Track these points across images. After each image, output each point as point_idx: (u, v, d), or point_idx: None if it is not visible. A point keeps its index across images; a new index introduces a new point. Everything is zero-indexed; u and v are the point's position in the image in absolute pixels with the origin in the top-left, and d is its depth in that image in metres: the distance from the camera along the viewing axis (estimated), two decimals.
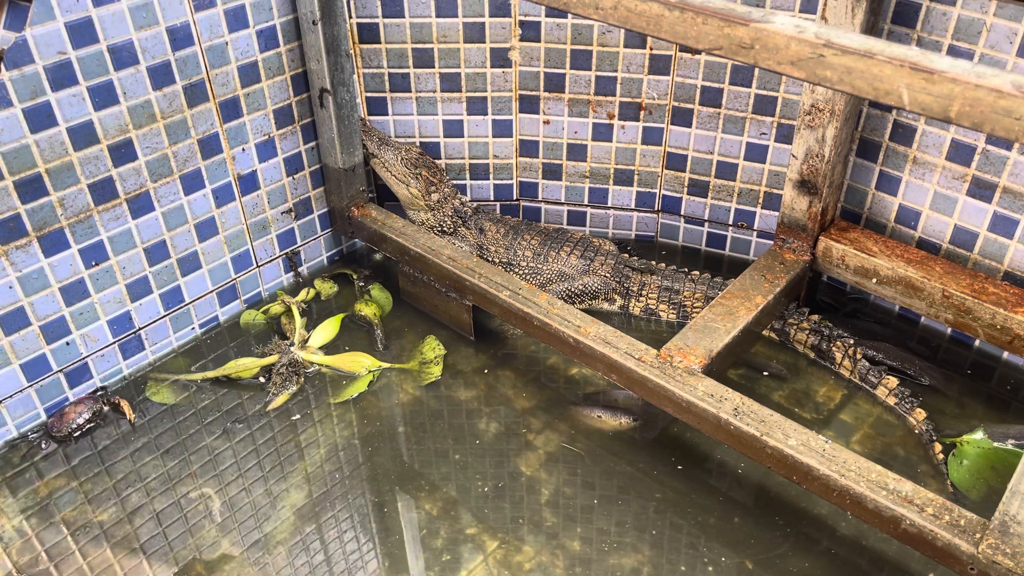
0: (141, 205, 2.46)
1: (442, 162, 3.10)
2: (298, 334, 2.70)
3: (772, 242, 2.83)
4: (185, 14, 2.34)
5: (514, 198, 3.21)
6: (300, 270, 3.02)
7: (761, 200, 2.93)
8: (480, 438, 2.44)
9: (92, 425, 2.46)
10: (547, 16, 2.78)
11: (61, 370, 2.46)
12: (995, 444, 2.31)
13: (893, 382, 2.48)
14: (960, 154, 2.46)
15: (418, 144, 3.07)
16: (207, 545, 2.17)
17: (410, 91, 2.95)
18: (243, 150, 2.66)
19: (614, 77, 2.85)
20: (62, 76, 2.15)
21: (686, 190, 3.03)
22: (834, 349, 2.59)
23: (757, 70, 2.70)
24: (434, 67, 2.90)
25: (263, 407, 2.53)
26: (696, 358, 2.27)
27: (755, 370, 2.63)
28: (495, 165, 3.12)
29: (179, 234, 2.60)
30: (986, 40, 2.29)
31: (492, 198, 3.20)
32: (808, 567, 2.08)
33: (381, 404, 2.56)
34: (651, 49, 2.78)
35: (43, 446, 2.41)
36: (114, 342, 2.56)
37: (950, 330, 2.71)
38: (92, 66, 2.20)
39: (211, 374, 2.63)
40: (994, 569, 1.73)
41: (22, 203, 2.20)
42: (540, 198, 3.20)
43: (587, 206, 3.18)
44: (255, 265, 2.87)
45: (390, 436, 2.46)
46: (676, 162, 2.98)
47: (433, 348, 2.71)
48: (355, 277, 3.01)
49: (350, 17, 2.80)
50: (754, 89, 2.72)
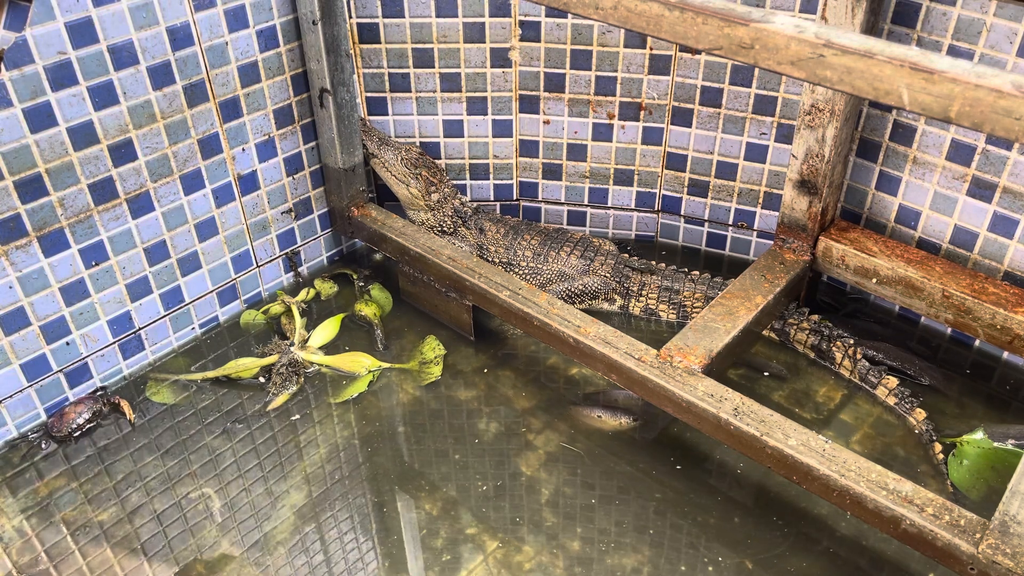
0: (141, 205, 2.46)
1: (442, 162, 3.10)
2: (298, 334, 2.70)
3: (772, 242, 2.83)
4: (185, 14, 2.34)
5: (514, 198, 3.21)
6: (300, 270, 3.02)
7: (761, 200, 2.93)
8: (480, 438, 2.44)
9: (92, 425, 2.46)
10: (547, 16, 2.78)
11: (61, 370, 2.46)
12: (995, 444, 2.31)
13: (893, 382, 2.48)
14: (960, 154, 2.46)
15: (418, 144, 3.07)
16: (207, 545, 2.17)
17: (410, 91, 2.95)
18: (243, 150, 2.66)
19: (614, 77, 2.85)
20: (62, 76, 2.15)
21: (686, 190, 3.03)
22: (834, 349, 2.59)
23: (757, 70, 2.70)
24: (434, 67, 2.90)
25: (263, 407, 2.53)
26: (696, 358, 2.27)
27: (755, 370, 2.63)
28: (495, 165, 3.12)
29: (179, 234, 2.60)
30: (986, 40, 2.29)
31: (492, 198, 3.20)
32: (808, 567, 2.08)
33: (381, 404, 2.56)
34: (651, 49, 2.78)
35: (43, 446, 2.41)
36: (114, 342, 2.56)
37: (950, 330, 2.71)
38: (92, 66, 2.20)
39: (211, 374, 2.63)
40: (994, 569, 1.73)
41: (22, 203, 2.20)
42: (540, 198, 3.20)
43: (587, 206, 3.18)
44: (255, 265, 2.87)
45: (390, 436, 2.46)
46: (676, 162, 2.98)
47: (433, 348, 2.71)
48: (355, 277, 3.01)
49: (350, 17, 2.80)
50: (754, 89, 2.72)
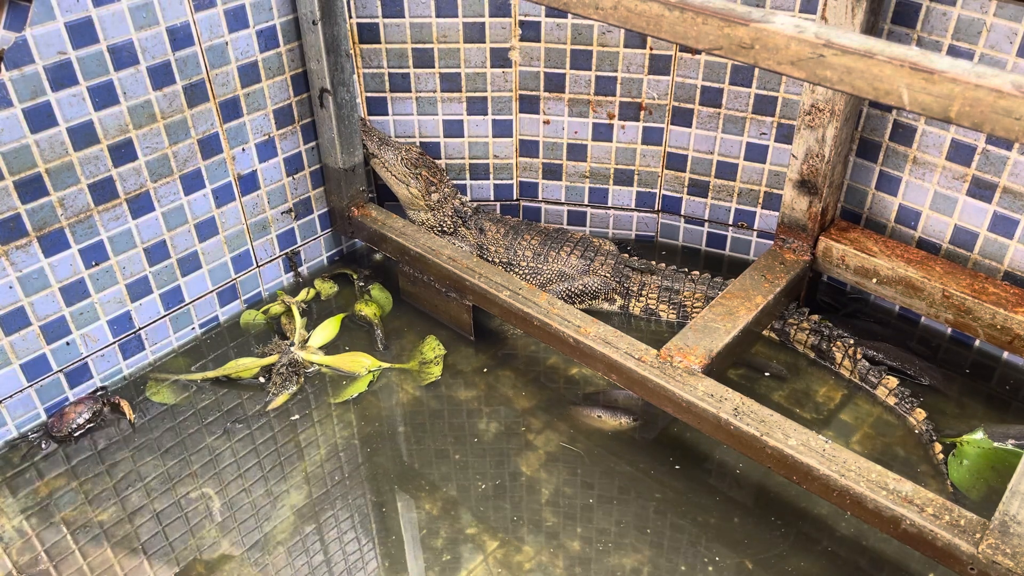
0: (141, 205, 2.46)
1: (442, 162, 3.10)
2: (298, 334, 2.70)
3: (772, 242, 2.83)
4: (185, 14, 2.34)
5: (514, 198, 3.21)
6: (300, 270, 3.02)
7: (761, 200, 2.93)
8: (480, 438, 2.44)
9: (92, 425, 2.46)
10: (547, 16, 2.78)
11: (61, 370, 2.46)
12: (995, 444, 2.31)
13: (893, 382, 2.48)
14: (960, 154, 2.46)
15: (418, 144, 3.07)
16: (207, 545, 2.17)
17: (410, 91, 2.95)
18: (243, 150, 2.66)
19: (614, 77, 2.85)
20: (62, 76, 2.15)
21: (686, 190, 3.03)
22: (834, 349, 2.59)
23: (757, 70, 2.70)
24: (434, 67, 2.90)
25: (263, 407, 2.53)
26: (696, 358, 2.27)
27: (755, 370, 2.63)
28: (495, 165, 3.12)
29: (179, 234, 2.60)
30: (986, 40, 2.29)
31: (492, 198, 3.20)
32: (808, 567, 2.08)
33: (381, 404, 2.56)
34: (651, 49, 2.78)
35: (43, 446, 2.41)
36: (114, 342, 2.56)
37: (950, 330, 2.71)
38: (92, 66, 2.20)
39: (211, 374, 2.63)
40: (994, 569, 1.73)
41: (22, 203, 2.20)
42: (540, 198, 3.20)
43: (587, 206, 3.18)
44: (255, 265, 2.87)
45: (390, 436, 2.46)
46: (676, 162, 2.98)
47: (433, 348, 2.71)
48: (355, 277, 3.01)
49: (350, 17, 2.80)
50: (754, 89, 2.72)
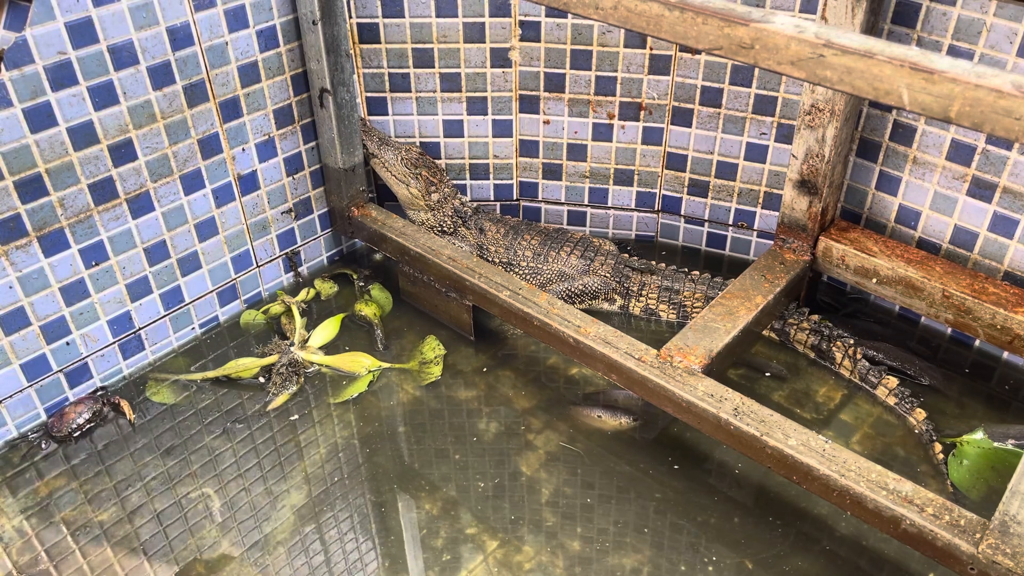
0: (141, 205, 2.46)
1: (442, 162, 3.10)
2: (298, 334, 2.71)
3: (772, 242, 2.83)
4: (185, 14, 2.34)
5: (514, 198, 3.21)
6: (300, 270, 3.02)
7: (761, 200, 2.93)
8: (480, 438, 2.44)
9: (92, 425, 2.46)
10: (547, 16, 2.78)
11: (61, 370, 2.46)
12: (995, 444, 2.31)
13: (893, 382, 2.48)
14: (960, 154, 2.46)
15: (418, 144, 3.07)
16: (207, 545, 2.17)
17: (410, 91, 2.96)
18: (243, 150, 2.66)
19: (614, 77, 2.85)
20: (62, 76, 2.15)
21: (686, 190, 3.03)
22: (834, 349, 2.59)
23: (757, 70, 2.70)
24: (434, 67, 2.90)
25: (263, 407, 2.53)
26: (696, 358, 2.27)
27: (755, 370, 2.63)
28: (495, 165, 3.12)
29: (179, 234, 2.60)
30: (986, 40, 2.29)
31: (492, 198, 3.20)
32: (808, 567, 2.08)
33: (381, 404, 2.56)
34: (651, 49, 2.78)
35: (43, 446, 2.41)
36: (114, 342, 2.56)
37: (950, 330, 2.71)
38: (92, 66, 2.20)
39: (211, 374, 2.63)
40: (994, 569, 1.73)
41: (22, 203, 2.20)
42: (540, 198, 3.20)
43: (587, 206, 3.18)
44: (255, 265, 2.87)
45: (390, 436, 2.46)
46: (676, 162, 2.98)
47: (433, 348, 2.71)
48: (355, 277, 3.01)
49: (350, 17, 2.80)
50: (754, 89, 2.72)
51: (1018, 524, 1.70)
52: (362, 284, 2.99)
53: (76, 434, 2.43)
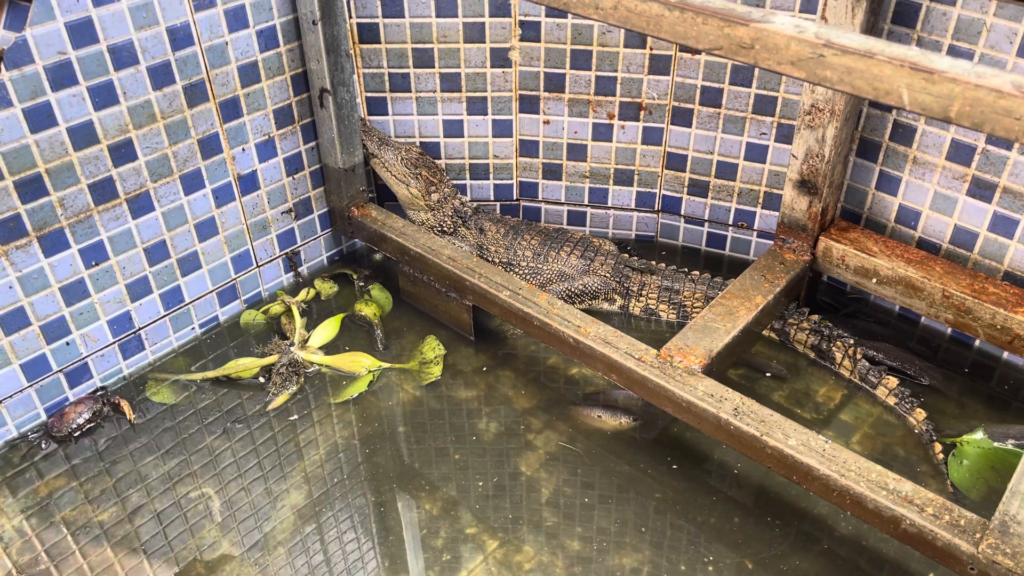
0: (141, 205, 2.46)
1: (442, 162, 3.10)
2: (298, 334, 2.71)
3: (772, 242, 2.83)
4: (185, 14, 2.34)
5: (514, 198, 3.21)
6: (300, 270, 3.02)
7: (761, 200, 2.93)
8: (480, 438, 2.44)
9: (92, 425, 2.46)
10: (547, 16, 2.78)
11: (61, 370, 2.46)
12: (995, 444, 2.31)
13: (893, 382, 2.48)
14: (960, 154, 2.46)
15: (418, 144, 3.07)
16: (207, 545, 2.17)
17: (410, 91, 2.96)
18: (243, 150, 2.66)
19: (614, 77, 2.85)
20: (62, 76, 2.15)
21: (686, 190, 3.03)
22: (834, 349, 2.59)
23: (757, 70, 2.70)
24: (434, 67, 2.90)
25: (263, 407, 2.53)
26: (696, 358, 2.27)
27: (755, 370, 2.63)
28: (495, 165, 3.12)
29: (179, 234, 2.60)
30: (986, 40, 2.29)
31: (492, 198, 3.20)
32: (808, 567, 2.08)
33: (381, 404, 2.56)
34: (651, 49, 2.78)
35: (43, 446, 2.41)
36: (114, 342, 2.56)
37: (950, 330, 2.70)
38: (92, 66, 2.20)
39: (211, 374, 2.63)
40: (994, 569, 1.74)
41: (22, 203, 2.20)
42: (540, 198, 3.20)
43: (587, 206, 3.18)
44: (255, 265, 2.87)
45: (390, 436, 2.46)
46: (676, 162, 2.98)
47: (433, 348, 2.71)
48: (355, 277, 3.01)
49: (350, 17, 2.80)
50: (754, 89, 2.72)
51: (1018, 524, 1.70)
52: (362, 284, 2.99)
53: (76, 434, 2.43)
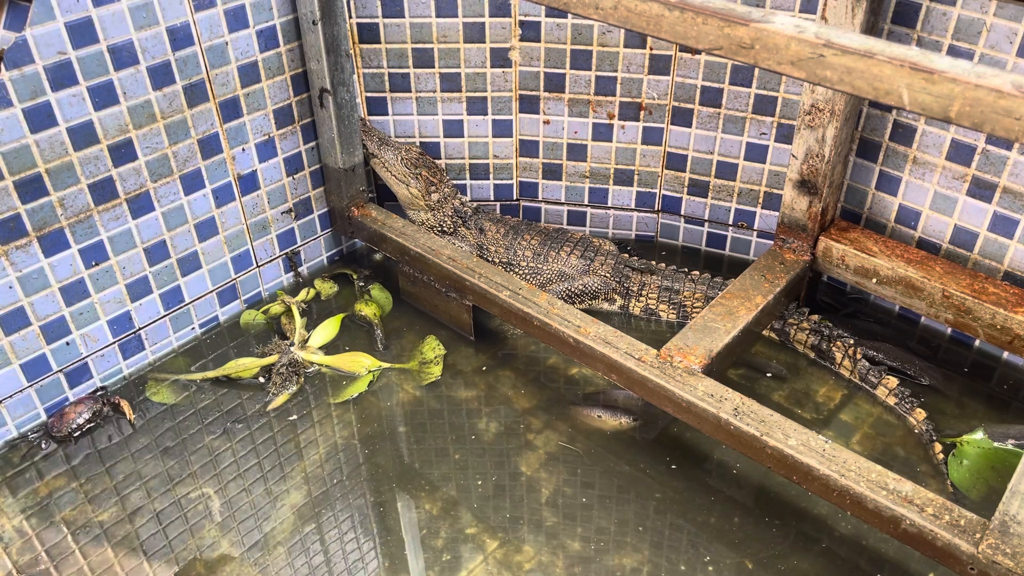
0: (141, 205, 2.46)
1: (442, 162, 3.10)
2: (298, 334, 2.71)
3: (772, 242, 2.83)
4: (185, 14, 2.34)
5: (514, 198, 3.21)
6: (300, 270, 3.02)
7: (761, 200, 2.93)
8: (480, 438, 2.44)
9: (92, 425, 2.46)
10: (547, 16, 2.78)
11: (61, 370, 2.46)
12: (995, 444, 2.31)
13: (893, 382, 2.48)
14: (960, 154, 2.46)
15: (418, 144, 3.07)
16: (207, 545, 2.17)
17: (410, 91, 2.96)
18: (243, 150, 2.66)
19: (614, 77, 2.85)
20: (62, 76, 2.15)
21: (686, 190, 3.03)
22: (834, 349, 2.59)
23: (757, 70, 2.70)
24: (434, 67, 2.90)
25: (263, 407, 2.53)
26: (696, 358, 2.27)
27: (755, 370, 2.63)
28: (495, 165, 3.12)
29: (179, 234, 2.60)
30: (986, 40, 2.29)
31: (492, 198, 3.20)
32: (808, 567, 2.08)
33: (381, 404, 2.56)
34: (651, 49, 2.78)
35: (43, 446, 2.41)
36: (114, 342, 2.56)
37: (950, 330, 2.70)
38: (92, 66, 2.20)
39: (211, 374, 2.63)
40: (994, 569, 1.74)
41: (22, 203, 2.20)
42: (540, 198, 3.20)
43: (587, 206, 3.18)
44: (255, 265, 2.87)
45: (390, 436, 2.46)
46: (676, 162, 2.98)
47: (433, 348, 2.71)
48: (355, 277, 3.01)
49: (350, 17, 2.80)
50: (754, 89, 2.72)
51: (1018, 524, 1.70)
52: (362, 284, 2.99)
53: (76, 434, 2.43)
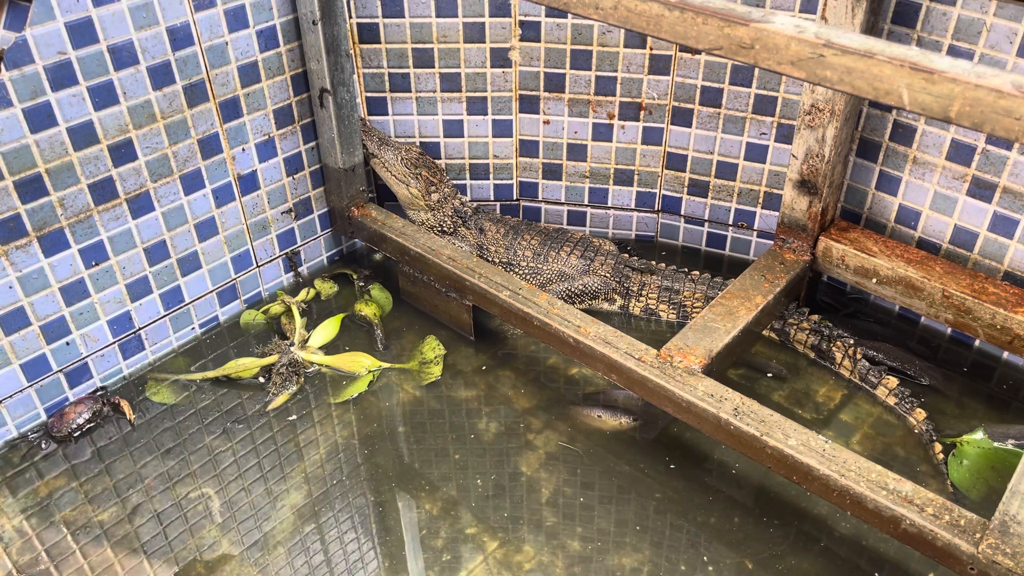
0: (141, 205, 2.46)
1: (442, 162, 3.10)
2: (298, 334, 2.70)
3: (772, 242, 2.83)
4: (185, 14, 2.34)
5: (514, 198, 3.21)
6: (300, 270, 3.02)
7: (761, 200, 2.93)
8: (480, 438, 2.44)
9: (92, 425, 2.46)
10: (547, 16, 2.78)
11: (61, 370, 2.46)
12: (995, 444, 2.31)
13: (893, 382, 2.48)
14: (960, 154, 2.46)
15: (418, 144, 3.07)
16: (207, 545, 2.17)
17: (410, 91, 2.96)
18: (243, 150, 2.66)
19: (614, 77, 2.85)
20: (62, 76, 2.15)
21: (686, 190, 3.03)
22: (834, 349, 2.59)
23: (757, 70, 2.70)
24: (434, 67, 2.90)
25: (263, 407, 2.53)
26: (696, 358, 2.27)
27: (755, 370, 2.63)
28: (495, 165, 3.12)
29: (179, 234, 2.60)
30: (986, 40, 2.29)
31: (492, 198, 3.20)
32: (808, 567, 2.08)
33: (381, 404, 2.56)
34: (651, 49, 2.78)
35: (43, 446, 2.41)
36: (114, 342, 2.56)
37: (950, 330, 2.70)
38: (92, 66, 2.20)
39: (211, 374, 2.63)
40: (994, 569, 1.74)
41: (22, 203, 2.20)
42: (540, 198, 3.20)
43: (587, 206, 3.18)
44: (255, 265, 2.87)
45: (390, 436, 2.46)
46: (676, 162, 2.98)
47: (433, 348, 2.71)
48: (355, 277, 3.01)
49: (350, 17, 2.80)
50: (754, 89, 2.72)
51: (1018, 524, 1.70)
52: (362, 284, 2.99)
53: (76, 434, 2.43)
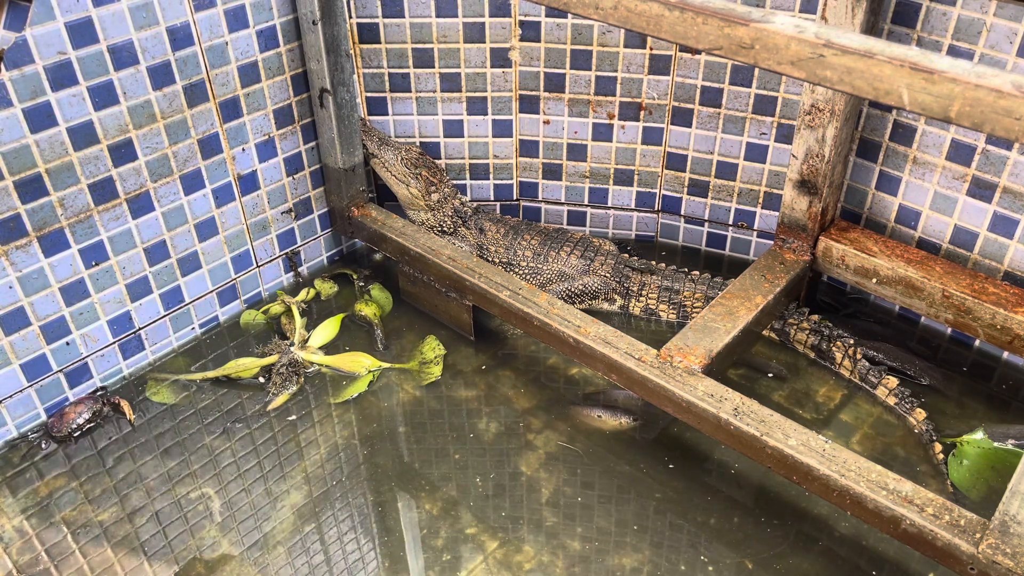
0: (141, 205, 2.46)
1: (442, 162, 3.10)
2: (298, 334, 2.70)
3: (772, 242, 2.83)
4: (185, 14, 2.34)
5: (514, 198, 3.21)
6: (300, 270, 3.02)
7: (761, 200, 2.93)
8: (480, 438, 2.44)
9: (92, 425, 2.46)
10: (547, 16, 2.78)
11: (61, 370, 2.46)
12: (995, 444, 2.31)
13: (893, 382, 2.48)
14: (960, 154, 2.46)
15: (418, 144, 3.07)
16: (207, 545, 2.17)
17: (410, 91, 2.96)
18: (243, 150, 2.66)
19: (614, 77, 2.85)
20: (62, 76, 2.15)
21: (686, 190, 3.03)
22: (834, 349, 2.59)
23: (757, 70, 2.70)
24: (434, 67, 2.90)
25: (263, 407, 2.53)
26: (696, 358, 2.27)
27: (755, 370, 2.63)
28: (495, 165, 3.12)
29: (179, 234, 2.60)
30: (986, 40, 2.29)
31: (492, 198, 3.20)
32: (808, 567, 2.08)
33: (381, 404, 2.56)
34: (651, 49, 2.78)
35: (43, 446, 2.41)
36: (114, 342, 2.56)
37: (950, 330, 2.71)
38: (92, 66, 2.20)
39: (211, 374, 2.63)
40: (994, 569, 1.74)
41: (22, 203, 2.20)
42: (540, 198, 3.20)
43: (587, 206, 3.18)
44: (255, 265, 2.87)
45: (390, 436, 2.46)
46: (676, 162, 2.98)
47: (433, 348, 2.71)
48: (355, 277, 3.01)
49: (350, 17, 2.80)
50: (754, 89, 2.72)
51: (1018, 524, 1.70)
52: (362, 284, 2.99)
53: (76, 434, 2.43)
